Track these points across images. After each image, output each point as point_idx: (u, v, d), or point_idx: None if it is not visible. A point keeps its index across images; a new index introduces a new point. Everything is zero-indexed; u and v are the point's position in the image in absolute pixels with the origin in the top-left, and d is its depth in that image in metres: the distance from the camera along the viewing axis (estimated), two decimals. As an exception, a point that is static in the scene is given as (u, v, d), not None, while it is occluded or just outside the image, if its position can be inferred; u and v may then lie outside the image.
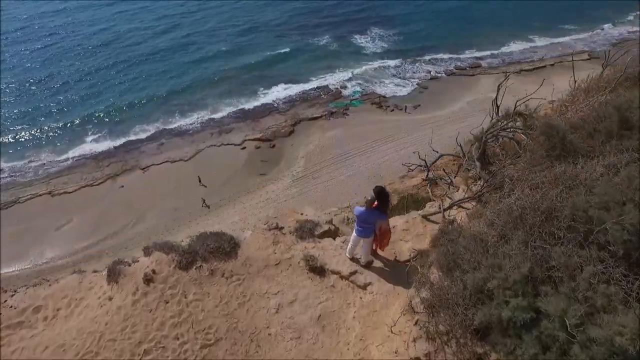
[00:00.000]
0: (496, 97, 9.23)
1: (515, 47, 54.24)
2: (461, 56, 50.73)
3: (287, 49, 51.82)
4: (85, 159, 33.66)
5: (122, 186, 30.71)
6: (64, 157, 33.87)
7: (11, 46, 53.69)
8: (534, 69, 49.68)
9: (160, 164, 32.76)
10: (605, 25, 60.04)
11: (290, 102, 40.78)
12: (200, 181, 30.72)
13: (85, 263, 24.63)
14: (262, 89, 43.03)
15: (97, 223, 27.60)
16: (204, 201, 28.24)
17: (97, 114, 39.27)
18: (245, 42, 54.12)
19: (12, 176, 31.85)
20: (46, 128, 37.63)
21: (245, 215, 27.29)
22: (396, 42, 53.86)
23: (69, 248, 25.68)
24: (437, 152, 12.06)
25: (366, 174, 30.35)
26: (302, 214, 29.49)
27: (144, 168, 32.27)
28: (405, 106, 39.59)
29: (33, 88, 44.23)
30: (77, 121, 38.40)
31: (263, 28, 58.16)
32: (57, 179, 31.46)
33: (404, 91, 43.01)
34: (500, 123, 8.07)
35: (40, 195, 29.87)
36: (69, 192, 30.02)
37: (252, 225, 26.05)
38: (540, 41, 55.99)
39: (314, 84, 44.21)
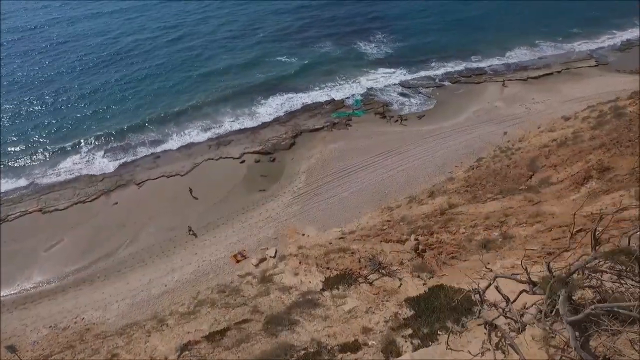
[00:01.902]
0: (594, 231, 5.96)
1: (522, 53, 52.95)
2: (467, 63, 49.47)
3: (290, 58, 50.59)
4: (79, 173, 32.46)
5: (116, 203, 29.50)
6: (56, 171, 32.70)
7: (11, 58, 52.34)
8: (540, 76, 48.32)
9: (156, 178, 31.55)
10: (612, 30, 58.85)
11: (291, 112, 39.53)
12: (191, 193, 29.53)
13: (75, 288, 23.46)
14: (262, 98, 41.75)
15: (89, 243, 26.38)
16: (190, 229, 26.46)
17: (91, 127, 38.04)
18: (246, 51, 52.89)
19: (3, 192, 30.65)
20: (40, 141, 36.48)
21: (244, 236, 26.04)
22: (401, 49, 52.57)
23: (58, 271, 24.47)
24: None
25: (370, 190, 29.06)
26: (303, 234, 28.25)
27: (139, 183, 31.06)
28: (401, 117, 38.21)
29: (28, 100, 43.09)
30: (72, 134, 37.23)
31: (266, 37, 56.99)
32: (48, 194, 30.27)
33: (408, 100, 41.77)
34: (597, 261, 5.41)
35: (30, 212, 28.68)
36: (61, 209, 28.84)
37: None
38: (547, 46, 54.71)
39: (315, 92, 42.95)
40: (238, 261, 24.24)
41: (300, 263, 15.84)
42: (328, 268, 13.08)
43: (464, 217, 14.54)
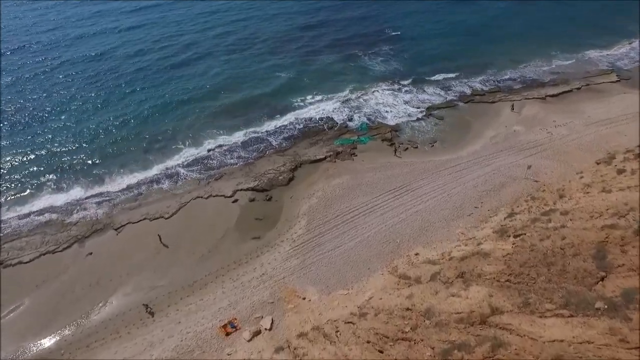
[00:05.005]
0: None
1: (537, 66, 49.32)
2: (479, 78, 45.85)
3: (288, 73, 46.91)
4: (50, 214, 28.75)
5: (90, 253, 25.85)
6: (25, 212, 28.93)
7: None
8: (559, 93, 44.65)
9: (137, 222, 27.87)
10: (631, 40, 55.56)
11: (290, 138, 35.81)
12: (160, 240, 26.05)
13: (34, 371, 19.85)
14: (258, 122, 38.09)
15: (55, 307, 22.73)
16: (147, 307, 22.30)
17: (68, 160, 34.29)
18: (244, 64, 49.40)
19: (-39, 238, 26.95)
20: (8, 173, 32.74)
21: (236, 299, 22.45)
22: (409, 64, 49.01)
23: (13, 348, 20.78)
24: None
25: (379, 239, 25.44)
26: (304, 298, 24.30)
27: (117, 228, 27.38)
28: (397, 147, 34.42)
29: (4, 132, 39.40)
30: (46, 167, 33.41)
31: (267, 48, 53.61)
32: (12, 242, 26.57)
33: (418, 123, 38.11)
34: None
35: (-11, 266, 25.00)
36: (25, 262, 25.15)
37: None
38: (563, 59, 51.15)
39: (317, 113, 39.29)
40: (228, 334, 20.69)
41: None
42: None
43: (517, 343, 11.01)
